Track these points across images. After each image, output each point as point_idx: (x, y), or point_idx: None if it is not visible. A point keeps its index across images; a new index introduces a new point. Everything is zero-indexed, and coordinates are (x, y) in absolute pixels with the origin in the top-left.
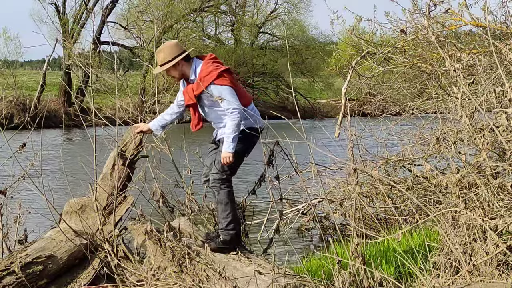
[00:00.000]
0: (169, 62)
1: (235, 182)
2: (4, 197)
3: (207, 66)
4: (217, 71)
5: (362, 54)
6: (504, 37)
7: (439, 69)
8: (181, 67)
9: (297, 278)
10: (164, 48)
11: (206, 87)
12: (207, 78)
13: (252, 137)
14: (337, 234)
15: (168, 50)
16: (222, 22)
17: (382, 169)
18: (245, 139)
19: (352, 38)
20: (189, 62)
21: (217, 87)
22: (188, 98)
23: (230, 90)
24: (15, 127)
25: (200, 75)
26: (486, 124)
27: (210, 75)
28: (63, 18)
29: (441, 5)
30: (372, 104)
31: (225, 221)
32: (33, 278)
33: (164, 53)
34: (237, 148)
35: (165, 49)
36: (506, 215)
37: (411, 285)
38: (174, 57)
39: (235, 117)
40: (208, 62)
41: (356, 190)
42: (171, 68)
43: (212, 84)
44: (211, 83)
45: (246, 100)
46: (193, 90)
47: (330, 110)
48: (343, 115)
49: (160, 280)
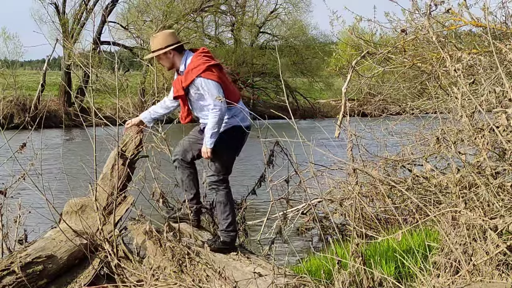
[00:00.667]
0: (160, 50)
1: (235, 182)
2: (4, 197)
3: (197, 59)
4: (205, 65)
5: (362, 54)
6: (504, 37)
7: (439, 69)
8: (172, 57)
9: (297, 278)
10: (159, 35)
11: (192, 80)
12: (194, 70)
13: (241, 135)
14: (337, 234)
15: (162, 37)
16: (222, 22)
17: (382, 169)
18: (234, 137)
19: (352, 38)
20: (181, 53)
21: (204, 80)
22: (176, 90)
23: (215, 85)
24: (15, 127)
25: (189, 67)
26: (486, 124)
27: (198, 68)
28: (63, 18)
29: (442, 5)
30: (372, 104)
31: (225, 222)
32: (33, 278)
33: (158, 40)
34: (227, 146)
35: (160, 36)
36: (506, 215)
37: (411, 285)
38: (167, 45)
39: (216, 114)
40: (198, 55)
41: (356, 190)
42: (162, 56)
43: (199, 77)
44: (198, 76)
45: (235, 97)
46: (181, 82)
47: (330, 110)
48: (343, 115)
49: (160, 280)
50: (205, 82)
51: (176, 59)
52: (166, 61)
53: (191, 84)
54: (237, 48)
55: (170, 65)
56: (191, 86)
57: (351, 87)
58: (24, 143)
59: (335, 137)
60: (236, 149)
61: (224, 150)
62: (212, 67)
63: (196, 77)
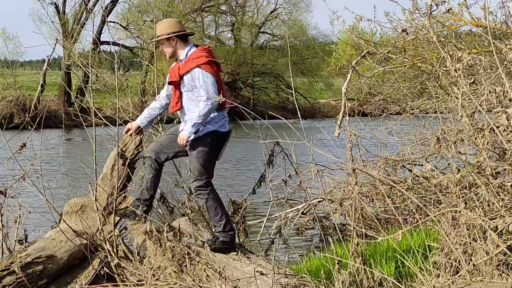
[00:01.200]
0: (164, 35)
1: (235, 182)
2: (4, 197)
3: (200, 52)
4: (207, 58)
5: (362, 54)
6: (504, 37)
7: (440, 69)
8: (175, 44)
9: (297, 278)
10: (165, 22)
11: (191, 68)
12: (195, 60)
13: (220, 140)
14: (337, 234)
15: (168, 24)
16: (222, 22)
17: (382, 169)
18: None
19: (352, 38)
20: (184, 43)
21: (202, 72)
22: (173, 75)
23: (212, 80)
24: (15, 127)
25: (190, 57)
26: (486, 124)
27: (199, 58)
28: (63, 18)
29: (443, 5)
30: (372, 104)
31: (221, 223)
32: (33, 278)
33: (164, 26)
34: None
35: (166, 22)
36: (506, 215)
37: (411, 285)
38: (172, 32)
39: (206, 106)
40: (202, 49)
41: (356, 190)
42: (166, 42)
43: (198, 67)
44: (197, 66)
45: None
46: (179, 68)
47: (330, 110)
48: (343, 115)
49: (160, 280)
50: (203, 73)
51: (178, 47)
52: (169, 48)
53: (189, 72)
54: (237, 48)
55: (172, 52)
56: (187, 74)
57: (351, 87)
58: (24, 144)
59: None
60: (217, 154)
61: (203, 154)
62: (213, 63)
63: (195, 67)
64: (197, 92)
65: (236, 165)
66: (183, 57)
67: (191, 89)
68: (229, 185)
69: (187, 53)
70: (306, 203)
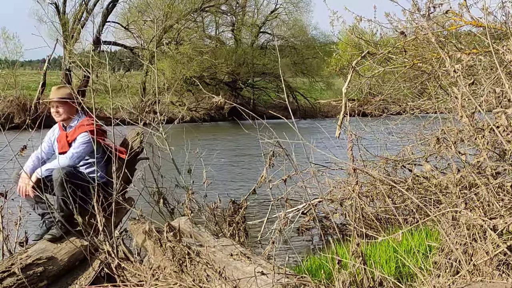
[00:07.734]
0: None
1: (236, 182)
2: (4, 199)
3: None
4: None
5: (363, 54)
6: (504, 38)
7: (439, 70)
8: (74, 111)
9: (297, 278)
10: (68, 88)
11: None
12: (87, 127)
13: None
14: (337, 234)
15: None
16: (222, 22)
17: (382, 169)
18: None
19: (352, 38)
20: (77, 112)
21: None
22: (62, 146)
23: (90, 147)
24: (15, 127)
25: (81, 123)
26: (486, 124)
27: (90, 125)
28: (63, 18)
29: (441, 7)
30: (372, 104)
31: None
32: (33, 280)
33: (69, 90)
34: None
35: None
36: (506, 215)
37: (412, 285)
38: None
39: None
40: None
41: (356, 190)
42: (68, 105)
43: (86, 132)
44: (87, 131)
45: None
46: (67, 137)
47: (331, 110)
48: (343, 115)
49: (160, 279)
50: (87, 138)
51: (74, 114)
52: (66, 111)
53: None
54: (238, 48)
55: (67, 116)
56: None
57: (351, 87)
58: (25, 146)
59: (335, 137)
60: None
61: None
62: (101, 131)
63: (85, 132)
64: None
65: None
66: (74, 123)
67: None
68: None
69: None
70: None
